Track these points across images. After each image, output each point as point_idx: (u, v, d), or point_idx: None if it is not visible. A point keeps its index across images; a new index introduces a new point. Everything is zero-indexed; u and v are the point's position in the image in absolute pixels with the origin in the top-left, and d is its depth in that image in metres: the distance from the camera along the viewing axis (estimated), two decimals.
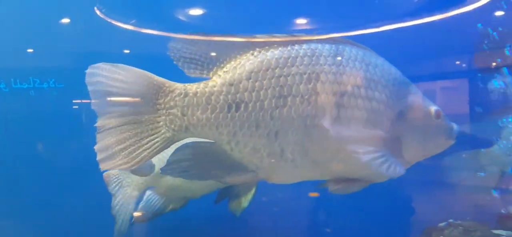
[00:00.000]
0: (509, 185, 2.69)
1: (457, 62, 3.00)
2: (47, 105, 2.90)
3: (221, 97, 1.33)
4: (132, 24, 3.00)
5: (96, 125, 1.30)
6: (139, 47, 3.07)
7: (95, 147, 1.32)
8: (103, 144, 1.29)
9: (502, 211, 2.63)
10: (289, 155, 1.36)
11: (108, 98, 1.29)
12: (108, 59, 3.10)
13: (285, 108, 1.31)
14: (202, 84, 1.36)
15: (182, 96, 1.34)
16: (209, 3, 3.03)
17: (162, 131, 1.30)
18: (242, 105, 1.33)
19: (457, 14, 2.81)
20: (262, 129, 1.34)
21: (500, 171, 2.63)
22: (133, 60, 3.17)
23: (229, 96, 1.33)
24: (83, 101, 2.98)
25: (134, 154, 1.27)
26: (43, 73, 2.88)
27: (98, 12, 3.01)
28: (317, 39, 1.45)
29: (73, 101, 2.95)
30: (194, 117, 1.31)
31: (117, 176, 2.08)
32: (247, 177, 1.40)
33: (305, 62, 1.34)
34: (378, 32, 2.92)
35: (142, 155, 1.28)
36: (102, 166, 1.29)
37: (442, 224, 2.74)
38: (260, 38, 1.41)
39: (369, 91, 1.43)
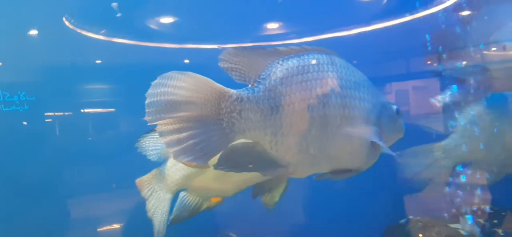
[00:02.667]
0: (462, 178, 2.79)
1: (413, 63, 3.12)
2: (18, 118, 2.85)
3: (266, 102, 1.47)
4: (102, 34, 2.99)
5: (160, 123, 1.39)
6: (111, 57, 3.06)
7: (163, 140, 1.39)
8: (172, 139, 1.39)
9: (456, 205, 2.74)
10: (312, 151, 1.53)
11: (178, 102, 1.40)
12: (79, 70, 3.08)
13: (309, 109, 1.49)
14: (249, 90, 1.49)
15: (239, 101, 1.45)
16: (180, 11, 3.04)
17: (226, 131, 1.43)
18: (280, 108, 1.47)
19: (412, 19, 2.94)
20: (294, 128, 1.48)
21: (453, 165, 2.73)
22: (105, 71, 3.17)
23: (271, 101, 1.47)
24: (56, 113, 2.96)
25: (204, 151, 1.40)
26: (13, 86, 2.83)
27: (67, 23, 2.98)
28: (303, 48, 1.59)
29: (45, 113, 2.92)
30: (249, 120, 1.45)
31: (148, 181, 2.14)
32: (279, 171, 1.55)
33: (315, 70, 1.53)
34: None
35: (211, 153, 1.42)
36: (178, 159, 1.39)
37: (402, 221, 2.83)
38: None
39: (361, 93, 1.62)
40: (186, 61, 3.15)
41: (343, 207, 3.13)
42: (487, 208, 2.75)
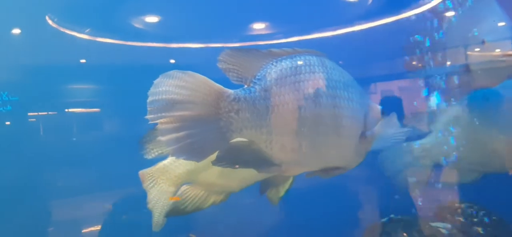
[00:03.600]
0: (441, 177, 2.83)
1: (397, 63, 3.15)
2: (1, 119, 2.81)
3: (262, 101, 1.52)
4: (86, 33, 2.96)
5: (161, 122, 1.42)
6: (96, 57, 3.03)
7: (163, 139, 1.43)
8: (172, 137, 1.43)
9: (436, 203, 2.77)
10: (304, 149, 1.56)
11: (179, 101, 1.44)
12: (63, 69, 3.05)
13: (302, 109, 1.54)
14: (246, 91, 1.54)
15: (236, 100, 1.48)
16: (165, 10, 3.03)
17: (223, 130, 1.47)
18: (275, 108, 1.52)
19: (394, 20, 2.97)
20: (288, 128, 1.53)
21: (432, 164, 2.76)
22: (90, 70, 3.15)
23: (266, 101, 1.52)
24: (39, 113, 2.93)
25: (202, 148, 1.45)
26: None
27: (50, 22, 2.95)
28: (295, 50, 1.65)
29: (29, 114, 2.88)
30: (245, 120, 1.49)
31: (151, 174, 2.15)
32: (273, 170, 1.60)
33: (307, 71, 1.59)
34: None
35: (208, 151, 1.47)
36: (175, 156, 1.45)
37: (384, 220, 2.83)
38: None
39: (349, 93, 1.68)
40: (172, 61, 3.14)
41: (325, 206, 3.14)
42: (466, 206, 2.80)
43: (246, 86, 1.56)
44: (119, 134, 3.08)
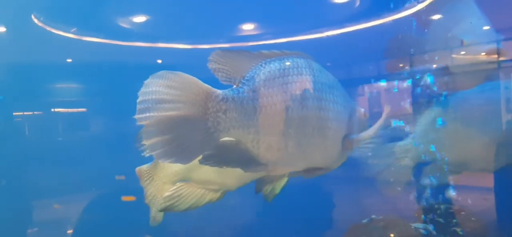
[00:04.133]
0: (422, 178, 2.86)
1: (383, 65, 3.18)
2: None
3: (250, 102, 1.53)
4: (73, 32, 2.94)
5: (146, 124, 1.42)
6: (82, 56, 3.01)
7: (147, 142, 1.43)
8: (157, 141, 1.44)
9: (417, 204, 2.81)
10: (290, 150, 1.58)
11: (168, 101, 1.45)
12: (49, 68, 3.02)
13: (289, 110, 1.57)
14: (234, 91, 1.55)
15: (224, 101, 1.50)
16: (152, 10, 3.02)
17: (211, 130, 1.48)
18: (263, 109, 1.54)
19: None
20: (275, 128, 1.55)
21: (413, 164, 2.80)
22: (76, 70, 3.12)
23: (254, 101, 1.54)
24: (25, 113, 2.90)
25: (188, 150, 1.46)
26: None
27: (36, 20, 2.92)
28: (284, 52, 1.67)
29: (14, 113, 2.86)
30: (233, 120, 1.50)
31: (148, 171, 2.16)
32: (259, 169, 1.61)
33: (295, 73, 1.62)
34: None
35: (195, 152, 1.48)
36: (161, 160, 1.44)
37: (365, 221, 2.86)
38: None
39: (334, 96, 1.70)
40: (159, 61, 3.13)
41: (307, 206, 3.16)
42: (446, 207, 2.84)
43: (235, 86, 1.57)
44: (105, 133, 3.07)
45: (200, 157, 1.49)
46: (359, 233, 2.72)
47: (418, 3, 2.93)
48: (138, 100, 1.43)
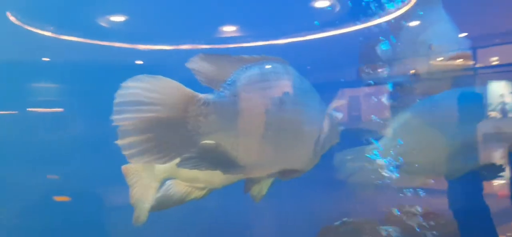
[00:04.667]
0: (392, 181, 2.92)
1: (354, 71, 3.23)
2: None
3: (231, 106, 1.55)
4: (50, 31, 2.89)
5: (123, 125, 1.40)
6: (59, 55, 2.97)
7: (121, 142, 1.41)
8: (131, 141, 1.43)
9: (388, 207, 2.86)
10: (268, 153, 1.62)
11: (147, 104, 1.44)
12: (26, 67, 2.97)
13: (268, 114, 1.59)
14: (215, 95, 1.53)
15: (206, 105, 1.50)
16: (132, 9, 3.00)
17: (191, 134, 1.48)
18: (243, 113, 1.56)
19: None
20: (254, 132, 1.57)
21: (384, 167, 2.85)
22: (53, 69, 3.08)
23: (235, 105, 1.55)
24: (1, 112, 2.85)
25: (168, 151, 1.46)
26: None
27: (11, 18, 2.87)
28: (263, 57, 1.70)
29: None
30: (214, 123, 1.51)
31: (135, 168, 2.14)
32: (238, 171, 1.62)
33: (274, 78, 1.66)
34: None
35: (173, 153, 1.47)
36: (134, 160, 1.44)
37: (337, 223, 2.90)
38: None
39: (309, 100, 1.76)
40: (139, 61, 3.11)
41: (280, 208, 3.18)
42: (418, 209, 2.90)
43: (216, 90, 1.57)
44: (82, 133, 3.03)
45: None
46: (330, 235, 2.76)
47: (396, 9, 2.98)
48: (115, 101, 1.42)
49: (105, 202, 3.08)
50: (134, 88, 1.43)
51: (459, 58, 2.70)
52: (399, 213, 2.88)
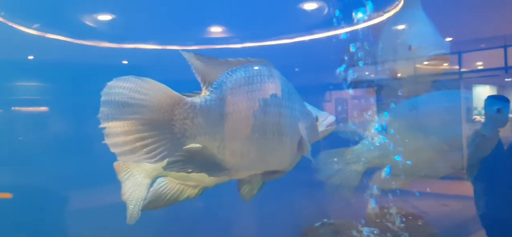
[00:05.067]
0: (372, 182, 2.95)
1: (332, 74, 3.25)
2: None
3: (217, 110, 1.57)
4: (35, 29, 2.86)
5: (109, 125, 1.42)
6: (44, 53, 2.93)
7: (109, 141, 1.43)
8: (120, 140, 1.45)
9: (367, 208, 2.89)
10: (252, 155, 1.65)
11: (133, 105, 1.46)
12: (10, 65, 2.92)
13: (252, 117, 1.63)
14: (202, 99, 1.55)
15: (192, 108, 1.52)
16: (118, 9, 2.97)
17: (178, 136, 1.50)
18: (229, 116, 1.59)
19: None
20: (240, 135, 1.60)
21: (364, 169, 2.88)
22: (38, 67, 3.04)
23: (221, 109, 1.59)
24: None
25: (154, 152, 1.47)
26: None
27: None
28: (248, 60, 1.71)
29: None
30: (200, 127, 1.54)
31: (127, 165, 2.15)
32: (223, 174, 1.65)
33: (258, 81, 1.69)
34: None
35: (161, 154, 1.48)
36: (121, 158, 1.46)
37: (317, 224, 2.93)
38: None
39: (292, 102, 1.80)
40: (124, 61, 3.09)
41: (260, 210, 3.18)
42: (394, 211, 2.93)
43: (202, 92, 1.59)
44: (67, 133, 3.00)
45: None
46: (310, 235, 2.79)
47: (384, 12, 3.01)
48: (101, 100, 1.42)
49: (91, 201, 3.06)
50: (120, 88, 1.44)
51: (438, 59, 2.74)
52: (378, 215, 2.91)
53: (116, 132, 1.43)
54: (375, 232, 2.77)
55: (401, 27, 2.92)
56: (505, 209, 2.80)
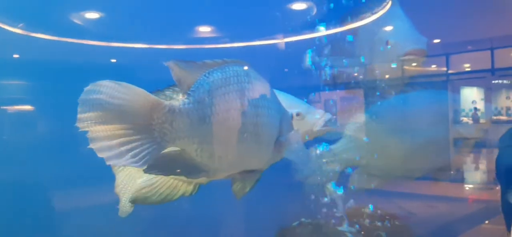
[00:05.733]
0: (349, 182, 2.98)
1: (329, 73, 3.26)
2: None
3: (195, 113, 1.59)
4: (20, 28, 2.82)
5: (93, 130, 1.43)
6: (30, 52, 2.89)
7: (94, 146, 1.43)
8: (105, 145, 1.46)
9: (343, 208, 2.91)
10: (230, 156, 1.68)
11: (111, 110, 1.46)
12: None
13: (230, 119, 1.65)
14: (180, 102, 1.58)
15: (171, 112, 1.53)
16: (106, 7, 2.95)
17: (157, 140, 1.51)
18: (207, 119, 1.60)
19: None
20: (218, 137, 1.62)
21: (341, 168, 2.90)
22: (24, 66, 3.00)
23: (200, 112, 1.60)
24: None
25: (139, 156, 1.47)
26: None
27: None
28: (224, 61, 1.74)
29: None
30: (179, 130, 1.55)
31: None
32: (201, 176, 1.67)
33: (235, 82, 1.71)
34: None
35: (144, 159, 1.48)
36: (110, 162, 1.45)
37: (294, 224, 2.93)
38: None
39: (268, 102, 1.82)
40: (113, 60, 3.06)
41: (238, 210, 3.19)
42: (370, 211, 2.96)
43: (181, 96, 1.62)
44: (53, 134, 2.97)
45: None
46: (288, 235, 2.81)
47: (373, 13, 3.02)
48: (78, 107, 1.43)
49: (78, 201, 3.04)
50: (98, 93, 1.44)
51: (415, 53, 2.76)
52: (356, 214, 2.93)
53: (99, 136, 1.43)
54: (352, 231, 2.78)
55: (378, 23, 2.94)
56: None
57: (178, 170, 1.66)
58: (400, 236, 2.92)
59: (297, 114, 2.25)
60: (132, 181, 2.10)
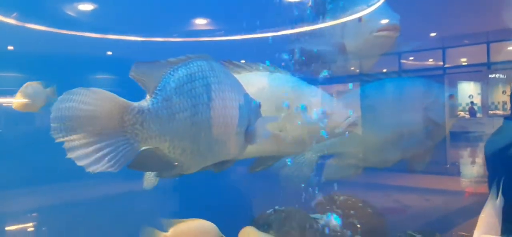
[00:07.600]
0: (324, 171, 2.99)
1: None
2: None
3: (164, 111, 1.63)
4: (14, 18, 2.80)
5: (68, 140, 1.46)
6: (24, 44, 2.87)
7: (72, 155, 1.47)
8: (82, 152, 1.50)
9: (317, 196, 2.93)
10: (202, 150, 1.73)
11: (82, 117, 1.50)
12: None
13: (198, 114, 1.70)
14: (149, 102, 1.62)
15: (140, 113, 1.59)
16: None
17: (131, 141, 1.56)
18: (176, 116, 1.65)
19: None
20: (188, 133, 1.68)
21: (316, 157, 2.91)
22: (18, 58, 2.97)
23: (168, 110, 1.64)
24: None
25: (114, 161, 1.52)
26: None
27: None
28: (188, 57, 1.78)
29: None
30: (150, 130, 1.60)
31: None
32: (177, 171, 1.72)
33: (200, 77, 1.76)
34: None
35: (120, 162, 1.53)
36: (89, 169, 1.49)
37: (269, 211, 2.99)
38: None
39: (235, 93, 1.89)
40: (109, 52, 3.05)
41: (214, 200, 3.20)
42: (344, 199, 2.97)
43: (148, 96, 1.66)
44: (47, 126, 2.95)
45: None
46: (261, 222, 2.85)
47: (368, 6, 3.01)
48: (51, 117, 1.46)
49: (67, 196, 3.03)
50: (70, 101, 1.47)
51: (388, 29, 2.75)
52: (328, 202, 2.95)
53: (75, 145, 1.46)
54: (323, 218, 2.81)
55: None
56: None
57: (153, 169, 1.74)
58: (372, 223, 2.97)
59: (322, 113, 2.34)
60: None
